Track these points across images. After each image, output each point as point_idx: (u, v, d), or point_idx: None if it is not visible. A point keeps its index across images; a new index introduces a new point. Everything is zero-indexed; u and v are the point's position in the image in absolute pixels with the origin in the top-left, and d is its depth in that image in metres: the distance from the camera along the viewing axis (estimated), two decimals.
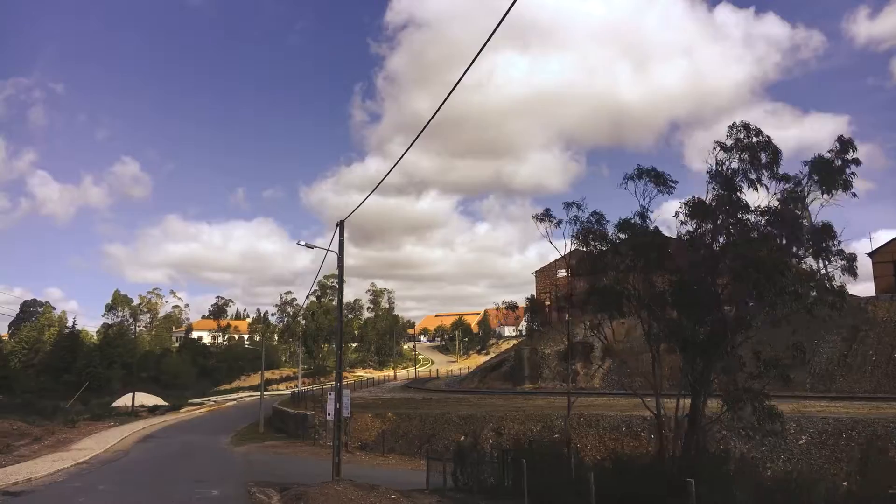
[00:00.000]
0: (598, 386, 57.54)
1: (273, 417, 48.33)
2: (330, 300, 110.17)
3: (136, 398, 62.52)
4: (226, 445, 36.00)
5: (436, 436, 36.97)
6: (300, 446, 35.42)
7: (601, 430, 32.65)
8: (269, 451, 33.00)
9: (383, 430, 39.29)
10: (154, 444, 36.44)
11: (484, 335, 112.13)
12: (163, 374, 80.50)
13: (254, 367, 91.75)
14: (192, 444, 36.05)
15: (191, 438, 39.22)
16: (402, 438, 38.12)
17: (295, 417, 41.20)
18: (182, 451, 32.68)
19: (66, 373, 74.79)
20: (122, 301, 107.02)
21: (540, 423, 34.84)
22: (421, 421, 38.82)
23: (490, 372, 69.15)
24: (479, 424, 36.59)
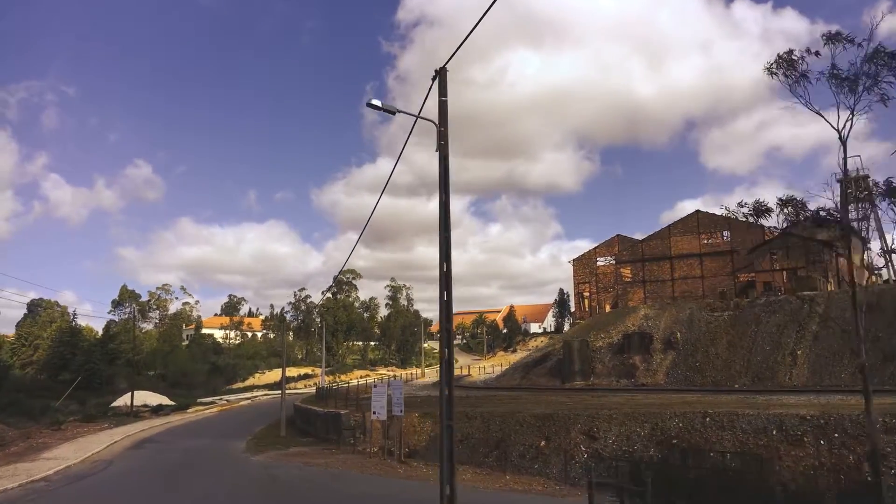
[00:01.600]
0: (663, 382, 48.85)
1: (296, 418, 39.77)
2: (346, 296, 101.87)
3: (139, 397, 54.20)
4: (240, 453, 27.41)
5: (507, 440, 28.31)
6: (335, 454, 26.81)
7: (739, 433, 24.07)
8: (297, 460, 24.42)
9: (435, 434, 30.70)
10: (149, 452, 27.89)
11: (511, 332, 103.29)
12: (170, 372, 72.07)
13: (269, 365, 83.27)
14: (198, 452, 27.53)
15: (197, 444, 30.70)
16: (463, 443, 29.47)
17: (324, 418, 32.66)
18: (183, 462, 24.18)
19: (64, 370, 66.55)
20: (130, 297, 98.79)
21: (647, 425, 26.05)
22: (483, 422, 30.13)
23: (533, 367, 60.34)
24: (560, 426, 27.83)
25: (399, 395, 24.21)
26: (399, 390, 24.44)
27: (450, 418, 8.87)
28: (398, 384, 25.05)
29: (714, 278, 62.84)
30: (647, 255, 66.76)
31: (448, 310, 9.35)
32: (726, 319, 52.23)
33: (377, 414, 24.91)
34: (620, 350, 54.95)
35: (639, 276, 67.06)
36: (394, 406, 24.32)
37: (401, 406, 24.13)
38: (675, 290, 64.39)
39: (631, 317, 59.94)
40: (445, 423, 8.82)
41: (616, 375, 53.08)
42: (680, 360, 50.69)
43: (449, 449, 8.80)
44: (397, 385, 24.86)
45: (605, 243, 75.19)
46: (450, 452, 8.73)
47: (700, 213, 65.19)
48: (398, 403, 24.15)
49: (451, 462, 8.83)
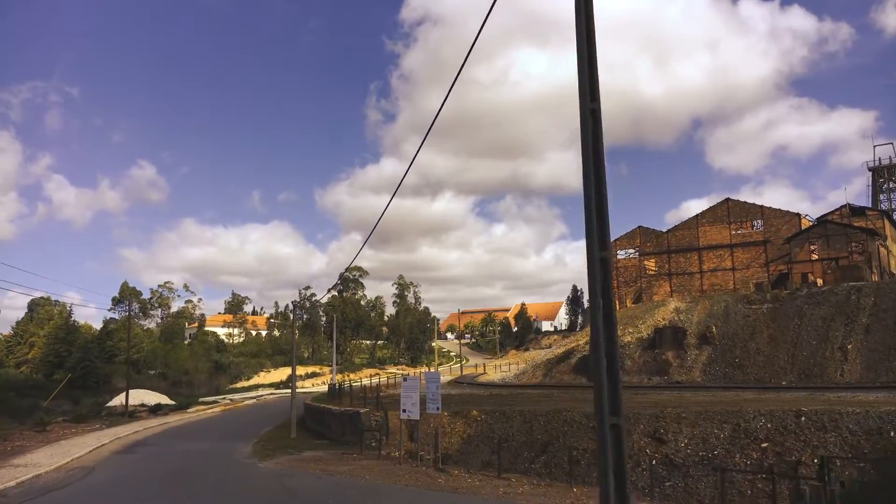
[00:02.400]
0: (700, 379, 44.61)
1: (306, 418, 35.56)
2: (353, 294, 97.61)
3: (136, 396, 49.98)
4: (246, 458, 23.13)
5: (554, 443, 24.12)
6: (357, 459, 22.52)
7: (847, 435, 19.92)
8: (314, 467, 20.15)
9: (469, 435, 26.52)
10: (139, 457, 23.59)
11: (523, 330, 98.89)
12: (171, 371, 67.79)
13: (274, 363, 78.98)
14: (197, 457, 23.29)
15: (196, 447, 26.41)
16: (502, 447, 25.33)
17: (341, 417, 28.38)
18: (178, 469, 19.95)
19: (60, 368, 62.34)
20: (131, 294, 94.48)
21: (727, 426, 21.85)
22: (525, 422, 25.88)
23: (556, 365, 56.08)
24: None
25: (435, 391, 20.02)
26: (435, 384, 20.24)
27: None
28: (435, 377, 20.82)
29: (746, 270, 58.63)
30: (672, 246, 62.57)
31: (603, 230, 4.89)
32: (766, 312, 48.01)
33: (408, 413, 20.71)
34: (651, 345, 50.72)
35: (664, 269, 62.82)
36: (429, 403, 20.11)
37: (437, 403, 19.92)
38: (704, 283, 60.22)
39: (660, 310, 55.65)
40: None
41: (647, 372, 48.83)
42: (717, 356, 46.50)
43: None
44: (433, 378, 20.64)
45: (626, 235, 70.88)
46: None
47: (730, 202, 60.96)
48: (434, 400, 19.94)
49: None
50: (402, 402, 21.06)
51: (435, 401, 19.91)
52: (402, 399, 21.20)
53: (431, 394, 20.04)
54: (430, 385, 20.33)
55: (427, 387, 20.45)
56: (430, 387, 20.23)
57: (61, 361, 64.81)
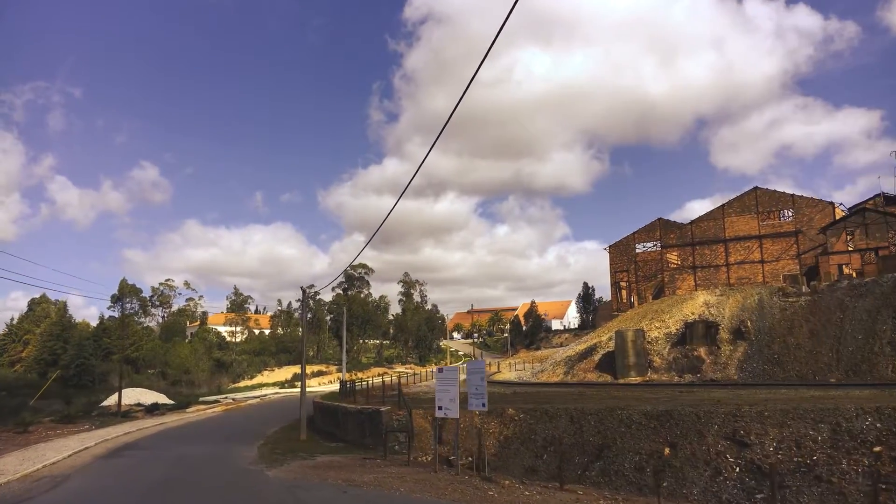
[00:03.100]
0: (736, 377, 40.95)
1: (317, 417, 31.87)
2: (358, 292, 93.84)
3: (133, 395, 46.35)
4: (251, 465, 19.40)
5: (611, 446, 20.39)
6: (382, 466, 18.83)
7: None
8: (333, 476, 16.45)
9: (506, 437, 22.84)
10: (126, 462, 19.87)
11: (533, 329, 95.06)
12: (171, 370, 64.01)
13: (278, 362, 75.19)
14: (194, 462, 19.61)
15: (193, 451, 22.72)
16: (548, 450, 21.63)
17: (358, 417, 24.68)
18: (170, 479, 16.28)
19: (54, 366, 58.66)
20: (130, 291, 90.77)
21: (824, 426, 18.19)
22: (572, 421, 22.14)
23: (578, 362, 52.30)
24: (688, 427, 19.88)
25: (480, 383, 16.35)
26: (479, 375, 16.57)
27: None
28: (479, 367, 17.08)
29: (776, 262, 55.01)
30: (697, 238, 58.91)
31: None
32: (804, 305, 44.27)
33: (445, 410, 17.01)
34: (681, 341, 46.97)
35: (688, 262, 59.13)
36: (471, 399, 16.47)
37: (483, 398, 16.25)
38: (731, 277, 56.60)
39: (688, 304, 51.91)
40: None
41: (677, 370, 45.06)
42: (754, 352, 42.77)
43: None
44: (477, 368, 16.93)
45: (646, 228, 67.22)
46: None
47: (759, 190, 57.27)
48: (478, 394, 16.28)
49: None
50: (438, 397, 17.35)
51: (479, 395, 16.24)
52: (437, 394, 17.48)
53: (475, 387, 16.38)
54: (472, 377, 16.66)
55: (469, 379, 16.78)
56: (473, 379, 16.56)
57: (56, 359, 61.18)
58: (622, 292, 68.96)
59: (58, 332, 63.09)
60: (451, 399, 16.90)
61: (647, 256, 66.58)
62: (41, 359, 62.51)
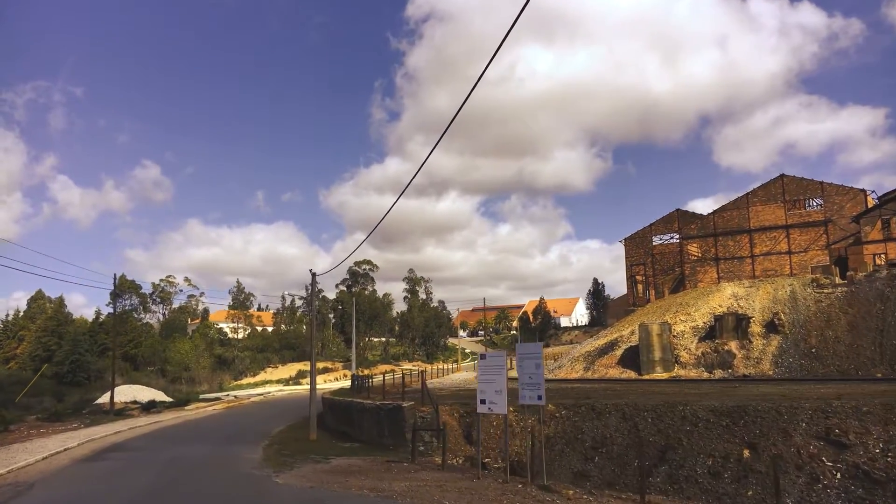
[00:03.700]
0: (771, 372, 37.90)
1: (326, 414, 28.81)
2: (362, 288, 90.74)
3: (129, 392, 43.40)
4: (256, 468, 16.32)
5: (675, 448, 17.32)
6: (411, 471, 15.76)
7: None
8: (357, 485, 13.36)
9: (546, 436, 19.76)
10: (108, 467, 16.78)
11: (542, 326, 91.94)
12: (171, 367, 60.97)
13: (282, 359, 72.11)
14: (189, 466, 16.55)
15: (190, 452, 19.67)
16: (599, 452, 18.58)
17: (375, 414, 21.60)
18: (158, 487, 13.21)
19: (47, 363, 55.59)
20: (129, 287, 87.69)
21: None
22: (623, 419, 19.09)
23: (598, 358, 49.17)
24: (768, 425, 16.80)
25: (535, 371, 13.31)
26: (535, 361, 13.52)
27: None
28: (535, 350, 13.99)
29: (804, 253, 52.01)
30: (719, 228, 55.92)
31: None
32: (840, 297, 41.16)
33: (490, 405, 13.94)
34: (709, 335, 43.85)
35: (710, 253, 56.11)
36: (524, 390, 13.40)
37: (539, 389, 13.19)
38: (756, 269, 53.60)
39: (715, 296, 48.79)
40: None
41: (706, 366, 41.92)
42: (789, 346, 39.65)
43: None
44: (531, 353, 13.85)
45: (663, 220, 64.27)
46: None
47: (785, 178, 54.27)
48: (534, 385, 13.24)
49: None
50: (481, 389, 14.29)
51: (534, 386, 13.19)
52: (479, 385, 14.43)
53: (528, 376, 13.33)
54: (525, 363, 13.59)
55: (521, 366, 13.71)
56: (526, 366, 13.50)
57: (51, 356, 58.11)
58: (638, 286, 65.96)
59: (53, 327, 60.05)
60: (498, 391, 13.84)
61: (665, 249, 63.61)
62: (35, 355, 59.44)
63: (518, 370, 13.90)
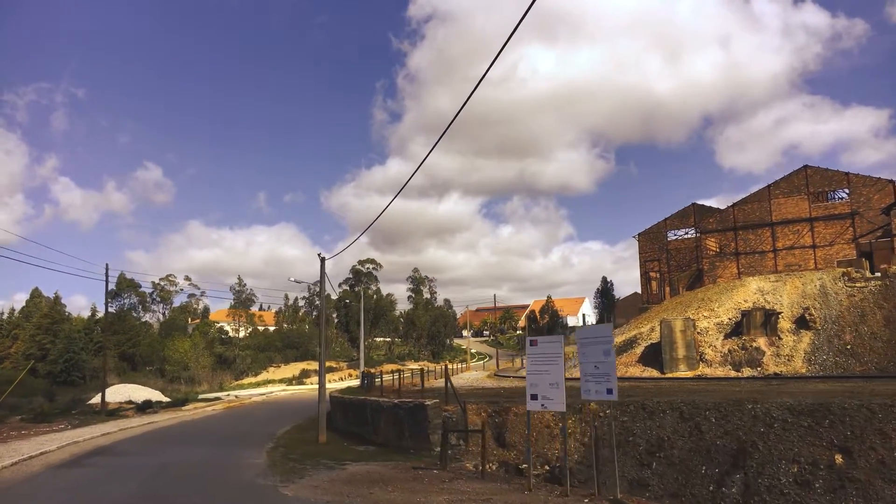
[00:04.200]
0: (804, 370, 35.25)
1: (337, 415, 26.21)
2: (365, 288, 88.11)
3: (124, 392, 40.85)
4: (260, 476, 13.69)
5: (751, 453, 14.63)
6: (445, 480, 13.08)
7: None
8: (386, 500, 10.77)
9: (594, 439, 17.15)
10: (85, 475, 14.13)
11: (551, 325, 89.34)
12: (170, 366, 58.36)
13: (284, 358, 69.47)
14: (181, 473, 13.95)
15: (184, 456, 17.09)
16: (657, 458, 15.96)
17: (393, 413, 19.00)
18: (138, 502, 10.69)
19: (42, 362, 53.04)
20: (129, 286, 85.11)
21: None
22: (682, 419, 16.50)
23: (617, 355, 46.71)
24: (860, 426, 14.05)
25: (604, 358, 10.70)
26: (603, 346, 10.87)
27: None
28: (603, 333, 11.31)
29: (829, 247, 49.51)
30: (739, 222, 53.39)
31: None
32: (874, 291, 38.56)
33: (545, 401, 11.31)
34: (735, 331, 41.21)
35: (730, 248, 53.58)
36: (588, 382, 10.75)
37: (610, 382, 10.54)
38: (778, 263, 51.09)
39: (739, 291, 46.18)
40: None
41: (733, 363, 39.22)
42: (822, 342, 36.98)
43: None
44: (599, 337, 11.17)
45: (678, 214, 61.72)
46: None
47: (809, 168, 51.73)
48: (600, 375, 10.62)
49: None
50: (531, 382, 11.68)
51: (602, 377, 10.57)
52: (529, 377, 11.82)
53: (594, 365, 10.72)
54: (589, 350, 10.92)
55: (584, 352, 11.05)
56: (591, 352, 10.85)
57: (45, 354, 55.53)
58: (652, 283, 63.43)
59: (47, 325, 57.43)
60: (553, 384, 11.25)
61: (681, 244, 61.07)
62: (30, 354, 56.81)
63: (580, 358, 11.30)
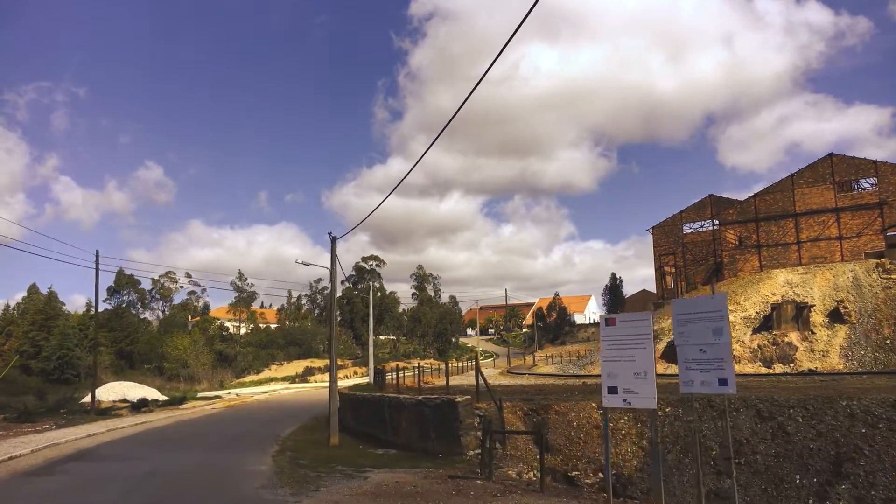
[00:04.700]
0: (841, 366, 32.81)
1: (347, 414, 23.66)
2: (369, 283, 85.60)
3: (118, 390, 38.37)
4: (266, 488, 11.24)
5: (855, 457, 11.99)
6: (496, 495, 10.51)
7: None
8: None
9: (651, 442, 14.61)
10: (57, 484, 11.60)
11: (559, 323, 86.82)
12: (167, 363, 55.84)
13: (287, 355, 66.96)
14: (170, 483, 11.48)
15: (175, 462, 14.60)
16: (737, 465, 13.46)
17: (418, 411, 16.45)
18: None
19: (34, 359, 50.52)
20: (128, 283, 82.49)
21: None
22: (761, 418, 13.91)
23: None
24: None
25: (714, 339, 8.17)
26: (714, 324, 8.30)
27: None
28: (713, 307, 8.67)
29: (856, 239, 47.07)
30: (761, 213, 50.95)
31: None
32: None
33: (627, 395, 8.74)
34: (765, 326, 38.81)
35: (751, 240, 51.10)
36: (691, 370, 8.22)
37: (723, 367, 8.02)
38: (803, 255, 48.67)
39: (766, 284, 43.72)
40: None
41: (762, 359, 36.77)
42: (859, 337, 34.59)
43: None
44: (704, 311, 8.57)
45: (695, 206, 59.29)
46: None
47: (834, 157, 49.28)
48: (710, 362, 8.09)
49: None
50: (608, 371, 9.15)
51: (713, 365, 8.02)
52: (605, 365, 9.29)
53: (700, 349, 8.17)
54: (690, 329, 8.33)
55: (684, 333, 8.45)
56: (694, 331, 8.25)
57: (39, 351, 53.01)
58: (666, 278, 60.99)
59: (41, 321, 54.88)
60: (640, 374, 8.74)
61: (697, 237, 58.64)
62: (23, 351, 54.25)
63: (677, 339, 8.81)
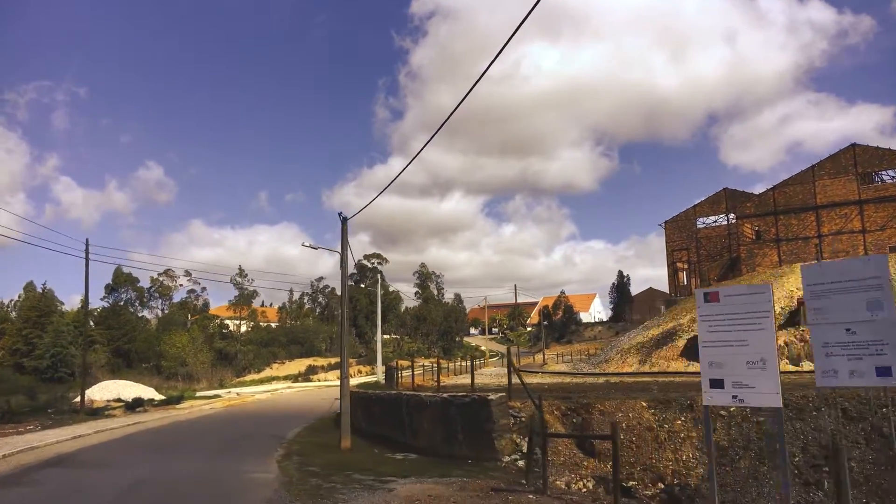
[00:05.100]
0: None
1: (358, 414, 21.54)
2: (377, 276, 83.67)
3: (113, 389, 36.28)
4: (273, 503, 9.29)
5: None
6: None
7: None
8: None
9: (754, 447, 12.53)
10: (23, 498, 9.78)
11: (565, 321, 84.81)
12: (165, 361, 53.76)
13: (289, 354, 64.89)
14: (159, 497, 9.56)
15: (165, 470, 12.57)
16: (820, 471, 11.34)
17: (443, 411, 14.37)
18: None
19: (27, 357, 48.44)
20: (126, 280, 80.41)
21: None
22: (844, 416, 11.94)
23: (656, 348, 41.96)
24: None
25: (871, 317, 6.22)
26: (874, 294, 6.35)
27: None
28: (868, 273, 6.67)
29: (880, 232, 45.16)
30: (780, 206, 49.03)
31: None
32: None
33: (742, 393, 6.76)
34: (790, 322, 36.72)
35: (770, 234, 49.13)
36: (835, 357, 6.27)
37: (887, 354, 6.11)
38: (824, 249, 46.82)
39: (790, 279, 41.61)
40: None
41: (790, 357, 34.61)
42: None
43: None
44: (860, 280, 6.54)
45: (709, 200, 57.40)
46: None
47: (857, 147, 47.37)
48: (866, 346, 6.12)
49: None
50: (709, 357, 7.10)
51: (875, 348, 6.06)
52: (706, 350, 7.27)
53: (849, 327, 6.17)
54: (839, 300, 6.24)
55: (822, 309, 6.42)
56: (841, 305, 6.23)
57: (32, 349, 50.93)
58: (679, 274, 59.05)
59: (35, 318, 52.80)
60: (758, 362, 6.69)
61: (711, 232, 56.74)
62: (16, 349, 52.17)
63: (810, 317, 6.81)
